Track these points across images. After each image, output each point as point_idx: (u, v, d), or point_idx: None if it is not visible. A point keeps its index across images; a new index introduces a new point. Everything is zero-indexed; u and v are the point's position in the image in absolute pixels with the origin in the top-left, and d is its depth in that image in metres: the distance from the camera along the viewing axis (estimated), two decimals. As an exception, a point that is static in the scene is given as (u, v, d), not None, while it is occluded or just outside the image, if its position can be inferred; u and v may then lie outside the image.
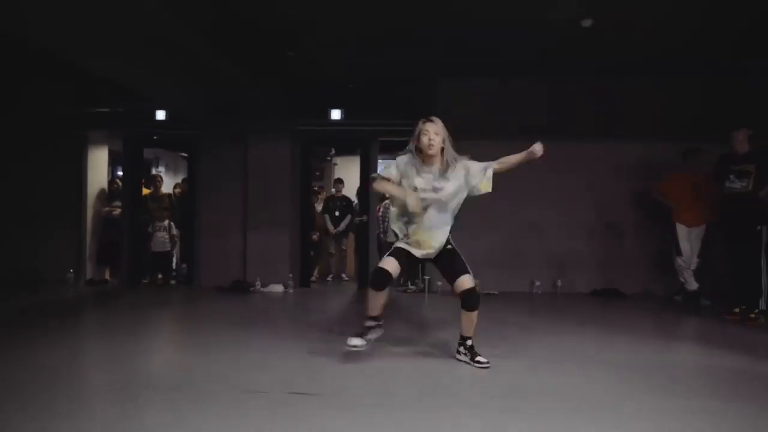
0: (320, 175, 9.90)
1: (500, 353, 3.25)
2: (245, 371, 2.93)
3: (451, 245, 3.12)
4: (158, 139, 7.29)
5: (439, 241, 3.06)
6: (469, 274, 3.01)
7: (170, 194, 7.51)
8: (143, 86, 5.28)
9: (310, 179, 7.19)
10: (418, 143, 3.00)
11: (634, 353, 3.53)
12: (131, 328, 4.19)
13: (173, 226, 6.97)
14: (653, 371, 3.06)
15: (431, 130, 2.99)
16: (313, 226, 7.45)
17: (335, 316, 5.09)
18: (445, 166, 3.04)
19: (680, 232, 5.53)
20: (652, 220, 6.16)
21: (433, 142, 2.97)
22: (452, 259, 3.06)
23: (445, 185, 3.04)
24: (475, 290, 2.99)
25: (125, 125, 6.83)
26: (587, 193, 6.35)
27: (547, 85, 6.30)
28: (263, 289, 6.30)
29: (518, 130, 6.30)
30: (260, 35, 4.68)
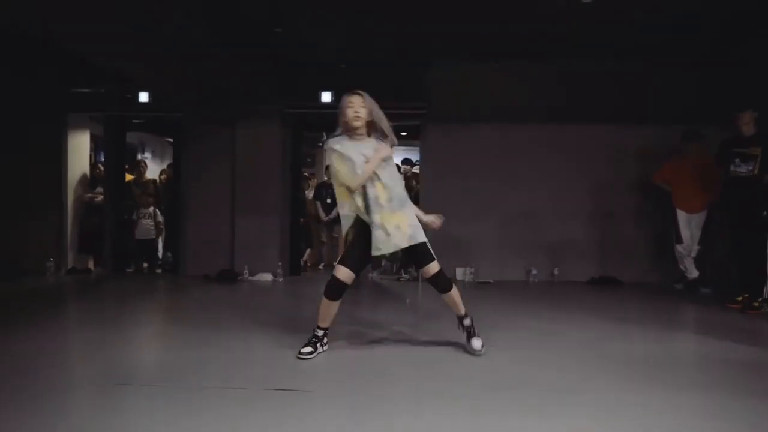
0: (311, 161, 9.69)
1: (497, 344, 3.09)
2: (226, 366, 2.75)
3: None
4: (141, 122, 7.02)
5: (409, 220, 2.88)
6: (434, 260, 2.91)
7: (155, 180, 7.28)
8: (124, 65, 5.02)
9: (300, 164, 6.97)
10: (343, 116, 2.85)
11: (633, 344, 3.40)
12: (109, 320, 3.99)
13: (158, 213, 6.75)
14: (654, 364, 2.92)
15: (356, 102, 2.82)
16: (303, 213, 7.25)
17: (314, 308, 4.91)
18: (379, 137, 2.89)
19: (681, 218, 5.39)
20: (651, 206, 6.02)
21: (358, 114, 2.81)
22: (418, 243, 2.90)
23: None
24: (440, 274, 2.92)
25: (106, 107, 6.56)
26: (585, 178, 6.20)
27: (543, 66, 6.08)
28: (251, 278, 6.10)
29: (512, 115, 6.15)
30: (246, 10, 4.43)
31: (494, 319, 3.92)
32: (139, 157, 8.61)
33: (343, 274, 2.82)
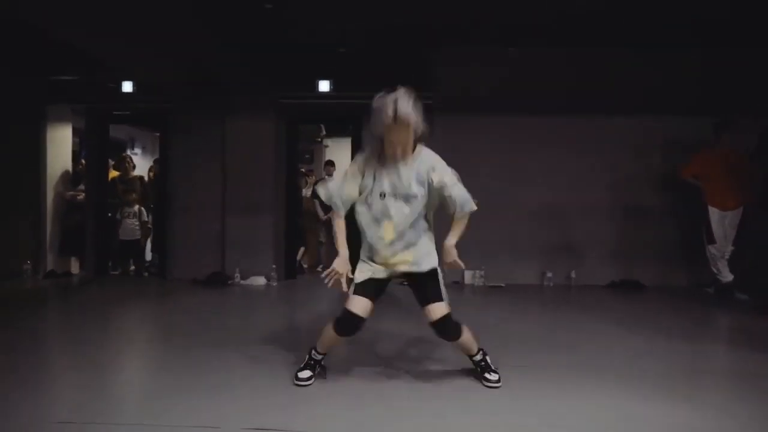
0: (310, 157, 9.23)
1: (509, 361, 2.63)
2: (199, 396, 2.28)
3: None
4: (126, 114, 6.55)
5: (420, 252, 2.41)
6: (442, 302, 2.37)
7: (142, 177, 6.82)
8: (104, 48, 4.55)
9: (296, 159, 6.50)
10: (379, 140, 2.32)
11: (665, 361, 2.91)
12: (72, 334, 3.55)
13: (144, 212, 6.29)
14: (689, 384, 2.48)
15: (402, 131, 2.24)
16: (300, 211, 6.79)
17: (320, 317, 4.44)
18: (408, 154, 2.36)
19: (713, 216, 4.91)
20: (677, 203, 5.53)
21: (399, 147, 2.29)
22: (428, 278, 2.41)
23: (412, 185, 2.34)
24: (448, 320, 2.36)
25: (87, 98, 6.10)
26: (605, 173, 5.70)
27: (561, 53, 5.61)
28: (243, 281, 5.63)
29: (527, 105, 5.67)
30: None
31: (506, 330, 3.45)
32: (128, 152, 8.18)
33: (358, 306, 2.32)
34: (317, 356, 2.49)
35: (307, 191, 7.47)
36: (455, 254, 2.39)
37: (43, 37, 4.55)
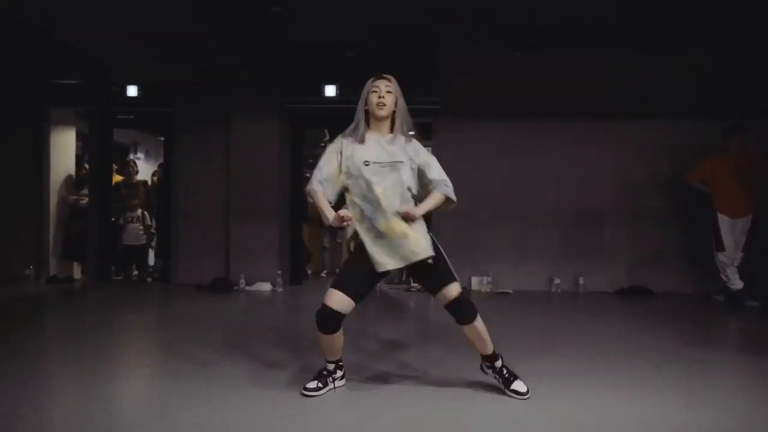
0: (314, 162, 9.18)
1: (522, 374, 2.57)
2: (209, 404, 2.22)
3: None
4: (129, 118, 6.52)
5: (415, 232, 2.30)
6: (456, 281, 2.31)
7: (146, 181, 6.78)
8: (107, 50, 4.52)
9: (301, 163, 6.45)
10: (366, 104, 2.40)
11: (686, 370, 2.82)
12: (68, 343, 3.45)
13: (147, 216, 6.24)
14: (711, 402, 2.39)
15: (382, 86, 2.37)
16: (305, 216, 6.74)
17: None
18: (393, 132, 2.41)
19: (723, 223, 4.86)
20: (686, 208, 5.48)
21: (384, 100, 2.36)
22: (434, 259, 2.30)
23: (398, 154, 2.36)
24: (462, 298, 2.29)
25: (91, 102, 6.06)
26: (613, 178, 5.67)
27: (568, 56, 5.59)
28: (248, 287, 5.58)
29: (534, 108, 5.63)
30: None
31: (514, 340, 3.39)
32: (132, 157, 8.14)
33: (336, 301, 2.22)
34: (329, 365, 2.42)
35: (311, 196, 7.42)
36: (412, 208, 2.30)
37: (45, 38, 4.52)
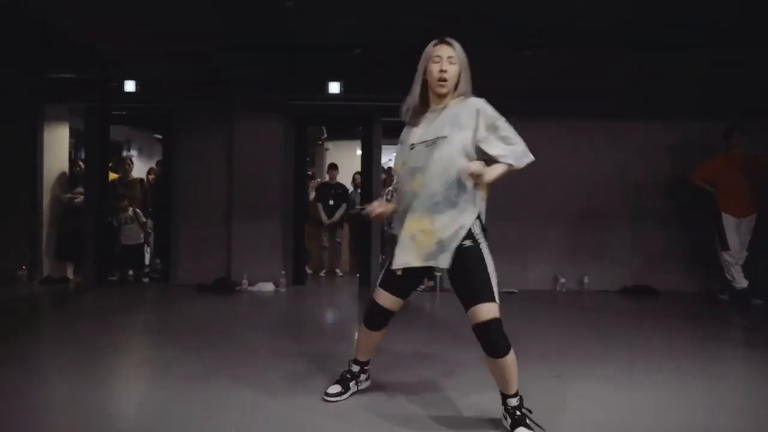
0: (311, 160, 9.09)
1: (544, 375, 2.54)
2: (213, 411, 2.14)
3: (473, 241, 1.98)
4: (127, 114, 6.35)
5: (445, 229, 1.96)
6: (492, 301, 1.89)
7: (142, 179, 6.62)
8: (107, 44, 4.37)
9: (304, 162, 6.36)
10: (425, 75, 2.04)
11: (685, 375, 2.78)
12: (54, 350, 3.27)
13: (140, 214, 6.08)
14: (716, 404, 2.38)
15: (445, 55, 2.01)
16: (307, 215, 6.65)
17: (335, 328, 4.32)
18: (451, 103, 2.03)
19: (728, 223, 4.90)
20: (689, 208, 5.52)
21: (446, 74, 1.98)
22: (472, 268, 1.94)
23: (443, 128, 1.98)
24: (495, 325, 1.87)
25: (87, 97, 5.89)
26: (617, 177, 5.68)
27: (570, 56, 5.58)
28: (251, 288, 5.47)
29: (537, 107, 5.60)
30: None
31: (522, 342, 3.36)
32: (125, 154, 7.95)
33: (383, 297, 2.14)
34: (354, 367, 2.31)
35: (310, 194, 7.34)
36: (478, 167, 1.87)
37: (44, 31, 4.36)
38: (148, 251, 6.51)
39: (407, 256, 2.02)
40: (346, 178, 7.52)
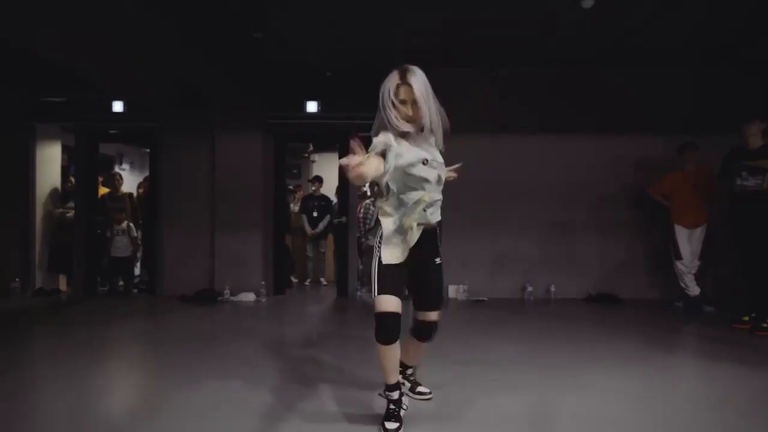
0: (297, 172, 9.37)
1: (499, 379, 2.79)
2: (197, 420, 2.39)
3: (440, 259, 2.33)
4: (115, 132, 6.65)
5: (434, 216, 2.31)
6: (440, 309, 2.37)
7: (131, 194, 6.90)
8: (93, 70, 4.68)
9: (284, 176, 6.65)
10: (386, 116, 2.05)
11: (644, 379, 3.07)
12: (56, 357, 3.49)
13: (133, 228, 6.37)
14: (670, 401, 2.65)
15: (409, 99, 2.06)
16: (288, 227, 6.93)
17: (312, 337, 4.58)
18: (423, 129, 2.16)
19: (680, 234, 5.17)
20: (649, 219, 5.81)
21: (415, 116, 2.08)
22: (437, 281, 2.35)
23: (437, 157, 2.27)
24: (437, 324, 2.36)
25: (77, 117, 6.19)
26: (582, 190, 5.97)
27: (540, 74, 5.89)
28: (233, 298, 5.74)
29: (509, 122, 5.92)
30: (223, 13, 4.13)
31: (494, 350, 3.61)
32: (116, 169, 8.22)
33: (384, 303, 2.11)
34: (392, 394, 2.20)
35: (294, 207, 7.62)
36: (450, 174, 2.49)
37: (31, 58, 4.63)
38: (137, 265, 6.79)
39: (397, 251, 2.20)
40: (330, 189, 7.76)
